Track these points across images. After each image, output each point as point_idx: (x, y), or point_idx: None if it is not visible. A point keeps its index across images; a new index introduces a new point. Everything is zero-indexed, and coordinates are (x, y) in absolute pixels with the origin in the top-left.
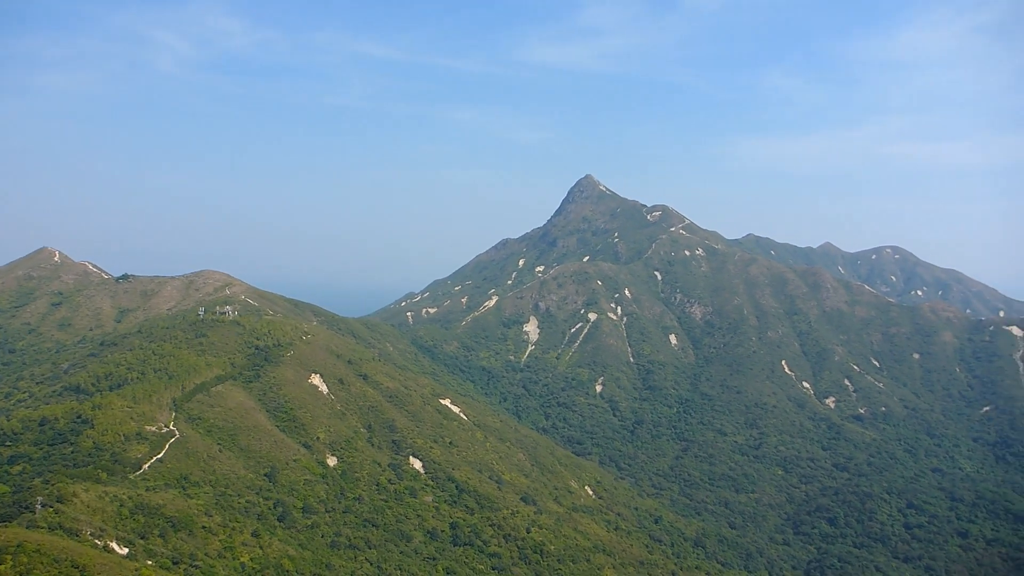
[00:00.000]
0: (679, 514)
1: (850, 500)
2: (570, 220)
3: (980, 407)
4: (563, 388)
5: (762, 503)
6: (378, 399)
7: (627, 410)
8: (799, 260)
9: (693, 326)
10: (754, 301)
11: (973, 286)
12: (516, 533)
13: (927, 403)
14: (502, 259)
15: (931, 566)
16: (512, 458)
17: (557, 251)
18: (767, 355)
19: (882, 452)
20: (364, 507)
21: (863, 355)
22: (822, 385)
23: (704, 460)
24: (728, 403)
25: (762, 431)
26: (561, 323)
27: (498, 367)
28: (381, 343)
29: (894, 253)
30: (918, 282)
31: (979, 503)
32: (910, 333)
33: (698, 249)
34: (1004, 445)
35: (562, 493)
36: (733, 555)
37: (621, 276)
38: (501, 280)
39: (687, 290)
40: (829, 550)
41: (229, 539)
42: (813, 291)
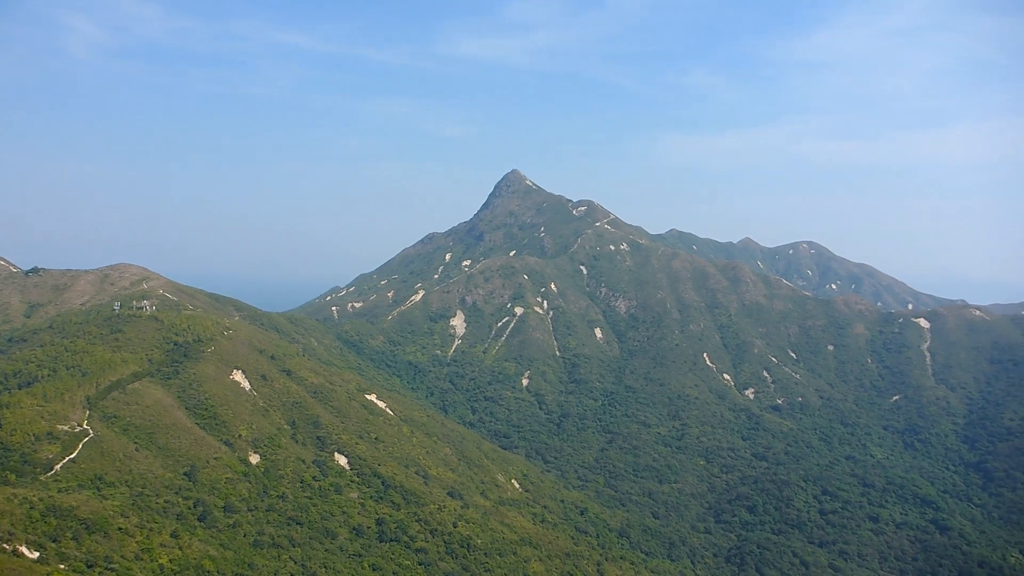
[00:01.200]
0: (604, 505)
1: (768, 488)
2: (497, 214)
3: (890, 396)
4: (490, 382)
5: (684, 493)
6: (302, 395)
7: (553, 403)
8: (720, 255)
9: (618, 320)
10: (677, 295)
11: (884, 280)
12: (443, 528)
13: (841, 393)
14: (428, 253)
15: (844, 550)
16: (439, 453)
17: (484, 245)
18: (689, 348)
19: (799, 441)
20: (288, 505)
21: (781, 347)
22: (742, 377)
23: (628, 452)
24: (652, 395)
25: (684, 422)
26: (488, 317)
27: (424, 361)
28: (305, 338)
29: (810, 248)
30: (832, 276)
31: (889, 488)
32: (825, 325)
33: (623, 244)
34: (912, 432)
35: (489, 487)
36: (657, 544)
37: (547, 270)
38: (428, 274)
39: (612, 284)
40: (749, 537)
41: (147, 540)
42: (733, 285)
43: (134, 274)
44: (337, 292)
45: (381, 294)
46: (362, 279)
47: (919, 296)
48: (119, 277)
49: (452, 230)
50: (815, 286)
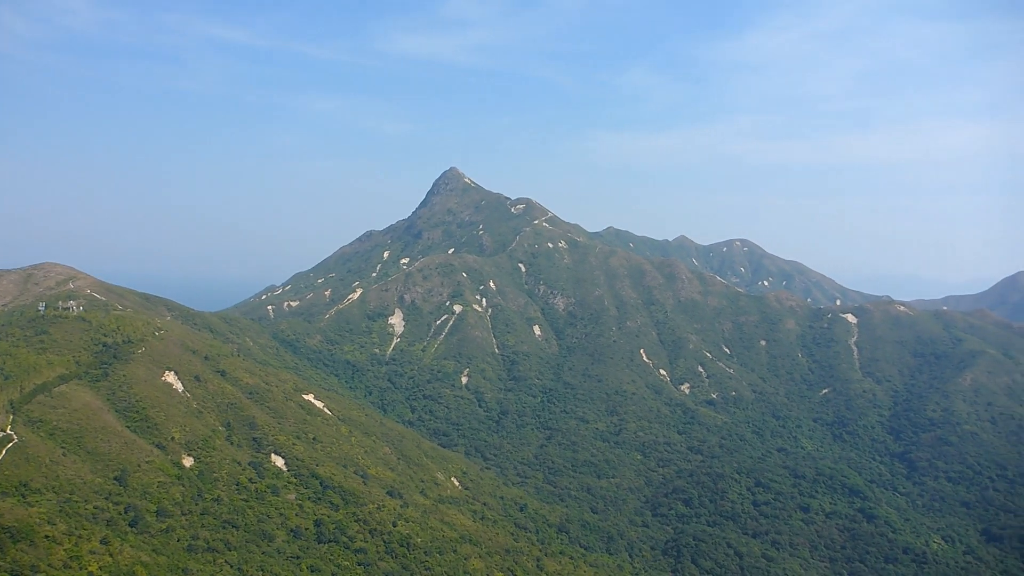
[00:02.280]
0: (543, 501)
1: (704, 481)
2: (435, 212)
3: (819, 390)
4: (429, 380)
5: (622, 487)
6: (237, 396)
7: (492, 401)
8: (656, 252)
9: (556, 317)
10: (614, 292)
11: (813, 276)
12: (382, 527)
13: (773, 387)
14: (366, 251)
15: (777, 540)
16: (378, 452)
17: (422, 243)
18: (626, 344)
19: (732, 435)
20: (223, 508)
21: (715, 343)
22: (678, 372)
23: (567, 448)
24: (590, 391)
25: (622, 418)
26: (427, 315)
27: (363, 360)
28: (240, 338)
29: (743, 246)
30: (765, 273)
31: (819, 479)
32: (758, 321)
33: (561, 242)
34: (840, 424)
35: (428, 485)
36: (595, 539)
37: (486, 268)
38: (366, 272)
39: (550, 282)
40: (685, 529)
41: (75, 548)
42: (669, 282)
43: (60, 273)
44: (273, 291)
45: (318, 293)
46: (299, 278)
47: (847, 292)
48: (44, 277)
49: (390, 228)
50: (748, 283)
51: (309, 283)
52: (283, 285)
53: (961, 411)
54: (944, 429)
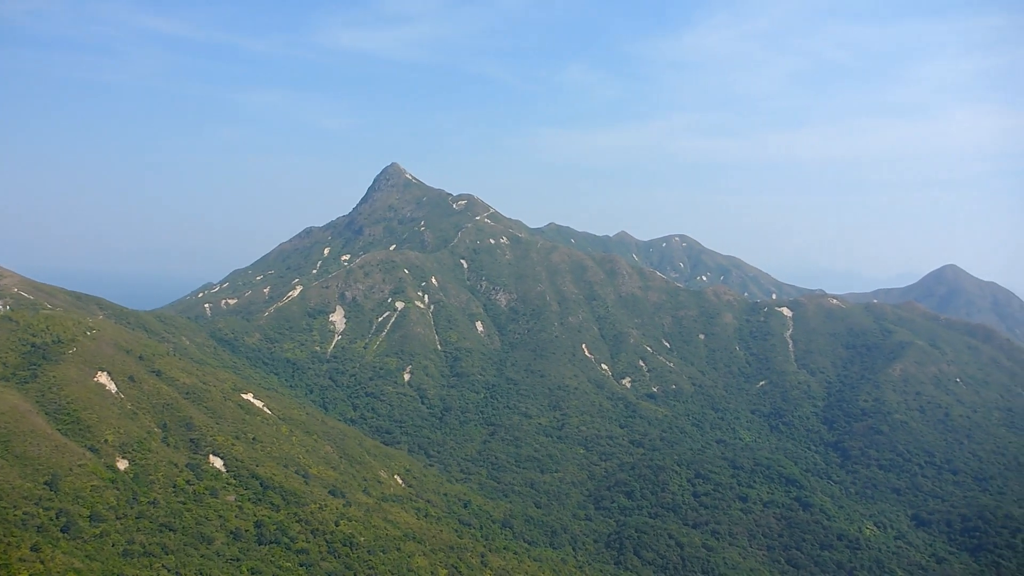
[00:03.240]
0: (487, 497)
1: (645, 474)
2: (376, 208)
3: (757, 382)
4: (371, 378)
5: (565, 481)
6: (174, 396)
7: (435, 397)
8: (597, 248)
9: (498, 313)
10: (556, 288)
11: (750, 271)
12: (324, 527)
13: (711, 380)
14: (306, 248)
15: (716, 530)
16: (319, 451)
17: (363, 240)
18: (568, 339)
19: (673, 427)
20: (160, 511)
21: (655, 337)
22: (619, 366)
23: (511, 443)
24: (532, 387)
25: (565, 412)
26: (368, 312)
27: (303, 359)
28: (176, 337)
29: (682, 241)
30: (703, 268)
31: (756, 469)
32: (696, 315)
33: (502, 238)
34: (777, 416)
35: (371, 484)
36: (539, 533)
37: (428, 265)
38: (306, 269)
39: (492, 278)
40: (627, 522)
41: (4, 555)
42: (610, 277)
43: None
44: (210, 288)
45: (257, 290)
46: (236, 275)
47: (782, 286)
48: None
49: (330, 224)
50: (687, 278)
51: (247, 280)
52: (220, 282)
53: (891, 401)
54: (875, 419)
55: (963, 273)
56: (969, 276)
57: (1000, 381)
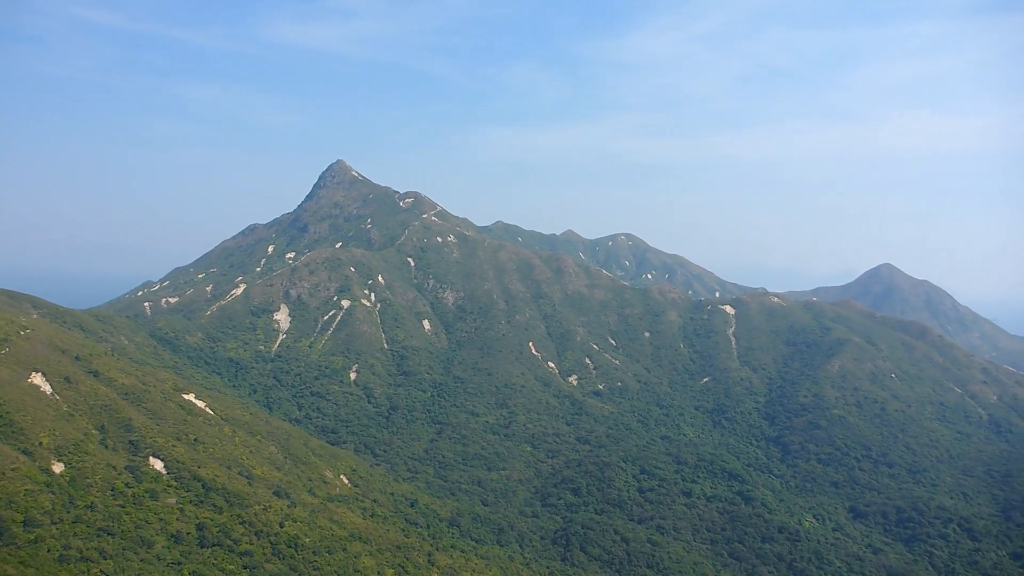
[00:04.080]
0: (434, 496)
1: (591, 470)
2: (322, 206)
3: (700, 378)
4: (316, 377)
5: (512, 479)
6: (112, 397)
7: (382, 396)
8: (544, 246)
9: (445, 311)
10: (503, 286)
11: (694, 270)
12: (269, 529)
13: (656, 377)
14: (250, 245)
15: (661, 525)
16: (263, 452)
17: (308, 237)
18: (515, 338)
19: (619, 424)
20: (98, 515)
21: (601, 335)
22: (566, 364)
23: (458, 441)
24: (480, 385)
25: (512, 410)
26: (313, 311)
27: (247, 358)
28: (115, 336)
29: (628, 240)
30: (648, 266)
31: (700, 464)
32: (642, 313)
33: (450, 236)
34: (720, 412)
35: (317, 484)
36: (486, 531)
37: (374, 262)
38: (249, 267)
39: (439, 276)
40: (573, 518)
41: None
42: (557, 276)
43: None
44: (150, 287)
45: (199, 288)
46: (177, 273)
47: (725, 285)
48: None
49: (275, 221)
50: (632, 276)
51: (189, 278)
52: (161, 281)
53: (830, 396)
54: (815, 414)
55: (898, 272)
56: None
57: (932, 376)
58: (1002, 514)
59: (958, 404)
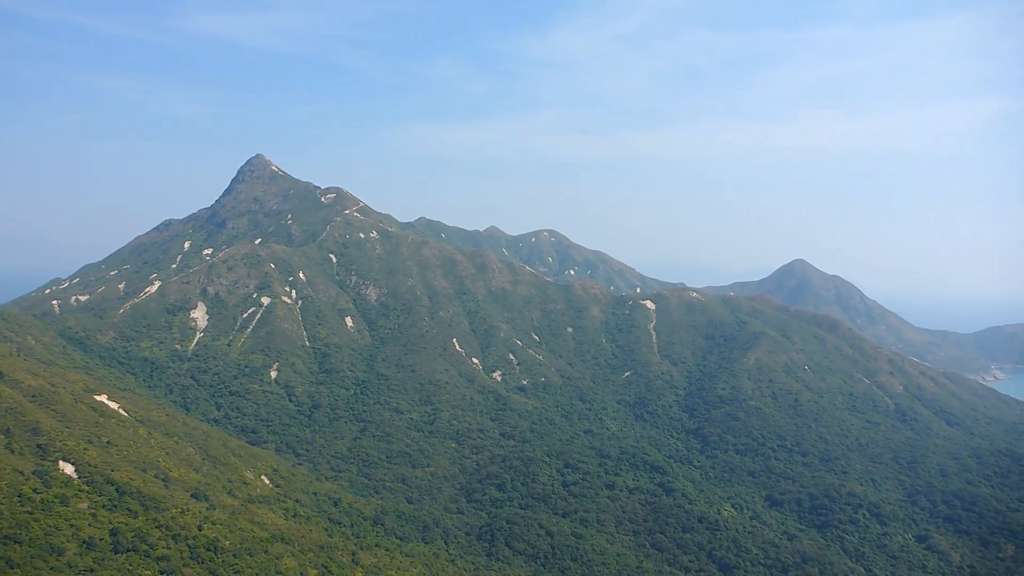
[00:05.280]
0: (358, 494)
1: (516, 465)
2: (240, 201)
3: (622, 373)
4: (235, 376)
5: (437, 476)
6: (18, 399)
7: (303, 395)
8: (468, 243)
9: (368, 308)
10: (427, 282)
11: (616, 265)
12: (187, 532)
13: (579, 372)
14: (165, 241)
15: (585, 518)
16: (180, 453)
17: (227, 233)
18: (439, 334)
19: (543, 419)
20: (4, 523)
21: (525, 331)
22: (490, 360)
23: (382, 439)
24: (404, 382)
25: (436, 407)
26: (232, 308)
27: (162, 357)
28: (21, 336)
29: (551, 236)
30: (571, 262)
31: (622, 457)
32: (565, 309)
33: (372, 232)
34: (641, 405)
35: (237, 485)
36: (411, 529)
37: (295, 259)
38: (164, 264)
39: (362, 272)
40: (498, 513)
41: None
42: (480, 272)
43: None
44: (58, 284)
45: (111, 285)
46: (88, 270)
47: (646, 280)
48: None
49: (191, 217)
50: (555, 272)
51: (100, 276)
52: (70, 278)
53: (747, 388)
54: (732, 406)
55: (810, 267)
56: (816, 270)
57: (843, 368)
58: (908, 499)
59: (867, 394)
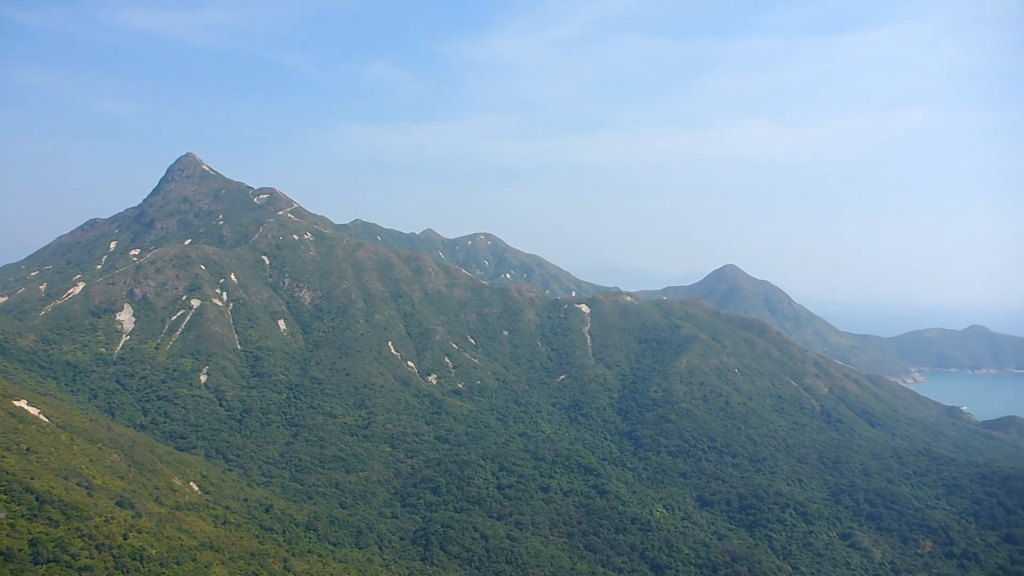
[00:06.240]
0: (290, 500)
1: (451, 469)
2: (170, 200)
3: (557, 376)
4: (163, 380)
5: (371, 480)
6: None
7: (234, 399)
8: (403, 245)
9: (302, 311)
10: (362, 285)
11: (551, 269)
12: (111, 541)
13: (515, 375)
14: (90, 241)
15: (520, 520)
16: (105, 460)
17: (155, 233)
18: (375, 337)
19: (478, 422)
20: None
21: (461, 334)
22: (425, 363)
23: (315, 444)
24: (337, 386)
25: (370, 411)
26: (160, 311)
27: (86, 361)
28: None
29: (487, 239)
30: (507, 266)
31: (557, 460)
32: (500, 312)
33: (306, 233)
34: (575, 408)
35: (164, 492)
36: (344, 534)
37: (226, 260)
38: (89, 264)
39: (296, 275)
40: (433, 518)
41: None
42: (416, 275)
43: None
44: None
45: (31, 287)
46: (7, 270)
47: (581, 284)
48: None
49: (118, 216)
50: (491, 275)
51: (20, 276)
52: None
53: (679, 391)
54: (665, 408)
55: (741, 272)
56: (746, 275)
57: (771, 371)
58: (832, 498)
59: (794, 396)
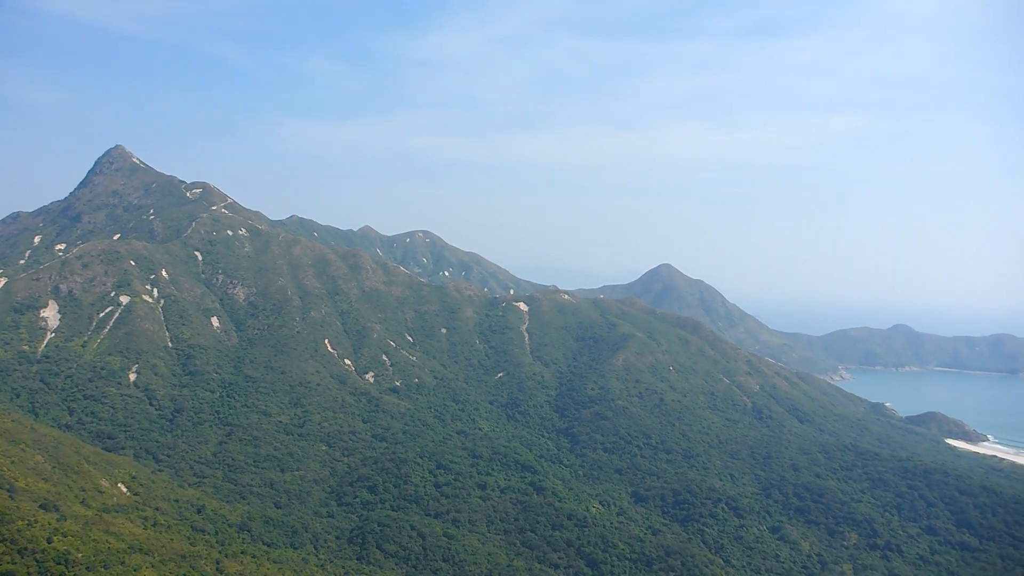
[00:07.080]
0: (223, 500)
1: (388, 467)
2: (97, 194)
3: (495, 373)
4: (90, 379)
5: (307, 479)
6: None
7: (165, 398)
8: (341, 242)
9: (236, 308)
10: (298, 282)
11: (490, 267)
12: (35, 545)
13: (453, 372)
14: (13, 235)
15: (457, 518)
16: (28, 462)
17: (82, 227)
18: (311, 335)
19: (416, 420)
20: None
21: (399, 331)
22: (362, 361)
23: (249, 443)
24: (273, 384)
25: (306, 409)
26: (87, 307)
27: (8, 359)
28: None
29: (425, 237)
30: (445, 263)
31: (494, 457)
32: (439, 310)
33: (241, 229)
34: (513, 406)
35: (91, 494)
36: (279, 534)
37: (157, 256)
38: (11, 259)
39: (230, 271)
40: (370, 516)
41: None
42: (354, 272)
43: None
44: None
45: None
46: None
47: (519, 282)
48: None
49: (42, 209)
50: (430, 273)
51: None
52: None
53: (615, 388)
54: (601, 405)
55: (676, 272)
56: (681, 274)
57: (705, 368)
58: (763, 492)
59: (727, 393)
